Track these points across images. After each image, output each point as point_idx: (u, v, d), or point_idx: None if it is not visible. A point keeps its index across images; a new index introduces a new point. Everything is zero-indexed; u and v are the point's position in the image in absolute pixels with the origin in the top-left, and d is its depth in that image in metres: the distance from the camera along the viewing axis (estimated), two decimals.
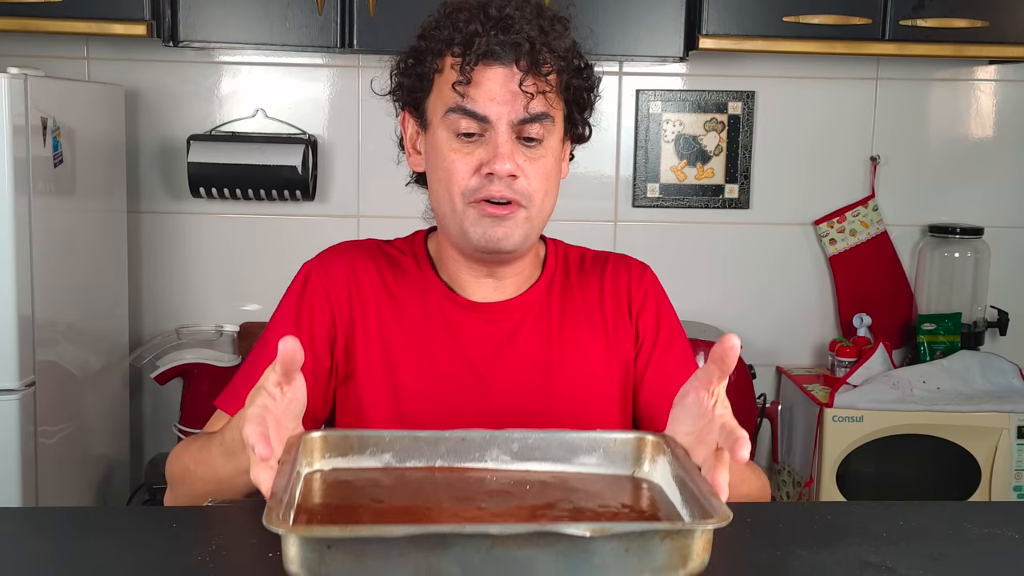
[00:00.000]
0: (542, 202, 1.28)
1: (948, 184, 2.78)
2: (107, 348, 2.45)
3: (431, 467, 1.03)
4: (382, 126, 2.63)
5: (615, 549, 0.83)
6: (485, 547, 0.82)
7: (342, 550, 0.81)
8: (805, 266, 2.78)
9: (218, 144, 2.54)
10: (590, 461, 1.04)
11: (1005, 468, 2.42)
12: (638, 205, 2.72)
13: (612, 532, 0.84)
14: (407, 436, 1.04)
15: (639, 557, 0.84)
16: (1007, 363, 2.54)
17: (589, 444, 1.05)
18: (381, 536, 0.82)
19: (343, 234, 2.64)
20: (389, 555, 0.82)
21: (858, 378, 2.50)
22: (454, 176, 1.25)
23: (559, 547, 0.83)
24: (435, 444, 1.03)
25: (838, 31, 2.34)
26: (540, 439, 1.05)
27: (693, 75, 2.71)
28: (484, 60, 1.22)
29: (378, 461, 1.02)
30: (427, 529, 0.83)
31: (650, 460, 1.03)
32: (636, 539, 0.84)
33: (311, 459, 1.01)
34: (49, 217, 2.05)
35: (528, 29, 1.23)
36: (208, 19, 2.30)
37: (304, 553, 0.81)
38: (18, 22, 2.23)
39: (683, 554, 0.85)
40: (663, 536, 0.84)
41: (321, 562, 0.81)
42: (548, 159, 1.27)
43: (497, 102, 1.23)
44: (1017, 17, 2.38)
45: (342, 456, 1.02)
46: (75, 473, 2.25)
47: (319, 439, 1.02)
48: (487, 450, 1.04)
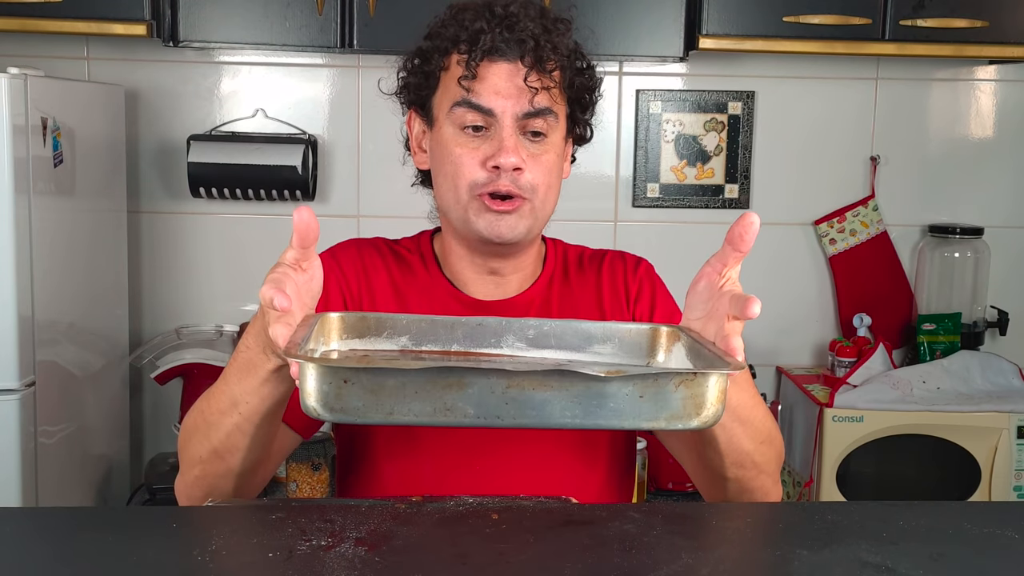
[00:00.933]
0: (545, 196, 1.29)
1: (948, 184, 2.78)
2: (107, 348, 2.45)
3: (447, 351, 1.04)
4: (382, 126, 2.64)
5: (630, 394, 0.84)
6: (501, 387, 0.83)
7: (359, 384, 0.81)
8: (805, 266, 2.78)
9: (218, 144, 2.54)
10: (605, 350, 1.06)
11: (1005, 468, 2.42)
12: (638, 205, 2.72)
13: (627, 374, 0.84)
14: (424, 320, 1.05)
15: (654, 403, 0.84)
16: (1007, 363, 2.54)
17: (604, 333, 1.06)
18: (398, 369, 0.82)
19: (343, 234, 2.65)
20: (405, 392, 0.82)
21: (858, 378, 2.50)
22: (461, 169, 1.27)
23: (574, 390, 0.83)
24: (451, 328, 1.05)
25: (838, 31, 2.34)
26: (556, 327, 1.06)
27: (693, 75, 2.72)
28: (489, 56, 1.25)
29: (394, 344, 1.04)
30: (445, 363, 0.84)
31: (665, 350, 1.05)
32: (651, 384, 0.84)
33: (327, 339, 1.02)
34: (49, 217, 2.06)
35: (532, 27, 1.25)
36: (208, 19, 2.30)
37: (321, 386, 0.81)
38: (18, 22, 2.23)
39: (697, 402, 0.85)
40: (678, 382, 0.85)
41: (338, 396, 0.82)
42: (551, 155, 1.29)
43: (502, 96, 1.25)
44: (1017, 17, 2.38)
45: (359, 337, 1.04)
46: (75, 473, 2.25)
47: (336, 319, 1.03)
48: (503, 336, 1.05)
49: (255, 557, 0.91)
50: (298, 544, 0.93)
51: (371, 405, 0.82)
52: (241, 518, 1.06)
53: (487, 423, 0.85)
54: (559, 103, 1.29)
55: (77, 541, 0.97)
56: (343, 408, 0.82)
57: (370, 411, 0.83)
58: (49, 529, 1.01)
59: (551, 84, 1.27)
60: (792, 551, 0.97)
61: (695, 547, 0.94)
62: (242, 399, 1.11)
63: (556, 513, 1.02)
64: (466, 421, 0.84)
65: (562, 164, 1.33)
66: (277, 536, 0.95)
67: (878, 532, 1.01)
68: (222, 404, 1.14)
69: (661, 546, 0.95)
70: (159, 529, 1.00)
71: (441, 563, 0.90)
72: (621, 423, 0.86)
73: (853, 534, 1.01)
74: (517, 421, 0.84)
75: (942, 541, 1.00)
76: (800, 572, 0.93)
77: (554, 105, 1.28)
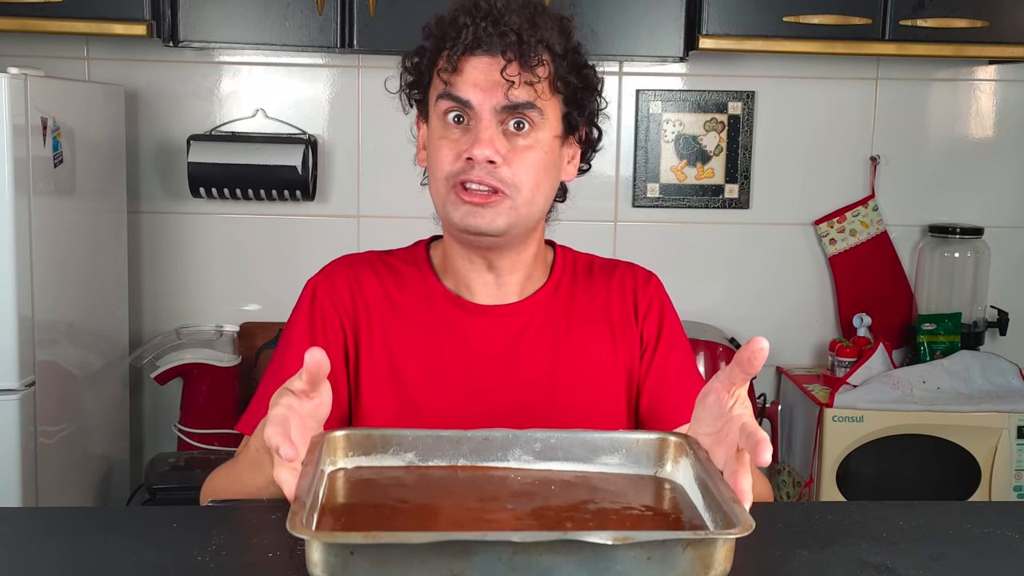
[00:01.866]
0: (531, 193, 1.27)
1: (948, 184, 2.78)
2: (107, 348, 2.45)
3: (453, 466, 1.03)
4: (382, 126, 2.64)
5: (637, 557, 0.84)
6: (507, 555, 0.83)
7: (365, 556, 0.82)
8: (805, 266, 2.78)
9: (218, 144, 2.54)
10: (612, 461, 1.05)
11: (1005, 468, 2.42)
12: (638, 205, 2.72)
13: (635, 541, 0.83)
14: (430, 435, 1.04)
15: (661, 565, 0.84)
16: (1007, 363, 2.54)
17: (611, 444, 1.05)
18: (404, 543, 0.82)
19: (343, 234, 2.67)
20: (412, 561, 0.82)
21: (858, 378, 2.50)
22: (440, 162, 1.27)
23: (581, 555, 0.83)
24: (457, 443, 1.04)
25: (838, 31, 2.34)
26: (562, 439, 1.05)
27: (693, 75, 2.72)
28: (470, 50, 1.25)
29: (400, 460, 1.03)
30: (450, 536, 0.83)
31: (672, 461, 1.04)
32: (658, 547, 0.84)
33: (334, 457, 1.01)
34: (49, 217, 2.05)
35: (517, 21, 1.24)
36: (208, 19, 2.30)
37: (328, 558, 0.82)
38: (18, 22, 2.23)
39: (705, 563, 0.85)
40: (685, 545, 0.84)
41: (344, 567, 0.82)
42: (538, 151, 1.27)
43: (480, 88, 1.24)
44: (1017, 17, 2.38)
45: (365, 455, 1.03)
46: (75, 473, 2.25)
47: (342, 438, 1.02)
48: (509, 450, 1.04)
49: (255, 557, 0.91)
50: (298, 544, 0.92)
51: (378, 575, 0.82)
52: (241, 518, 1.06)
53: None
54: (547, 99, 1.27)
55: (77, 541, 0.97)
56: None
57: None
58: (49, 529, 1.01)
59: (534, 79, 1.25)
60: (792, 551, 0.96)
61: None
62: (255, 492, 1.13)
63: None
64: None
65: (554, 162, 1.30)
66: (277, 536, 0.95)
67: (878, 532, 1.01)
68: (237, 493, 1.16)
69: None
70: (159, 529, 1.00)
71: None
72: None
73: (853, 534, 1.01)
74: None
75: (942, 541, 1.00)
76: (800, 572, 0.93)
77: (538, 100, 1.25)
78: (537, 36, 1.25)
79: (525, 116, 1.25)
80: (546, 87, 1.27)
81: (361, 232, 2.67)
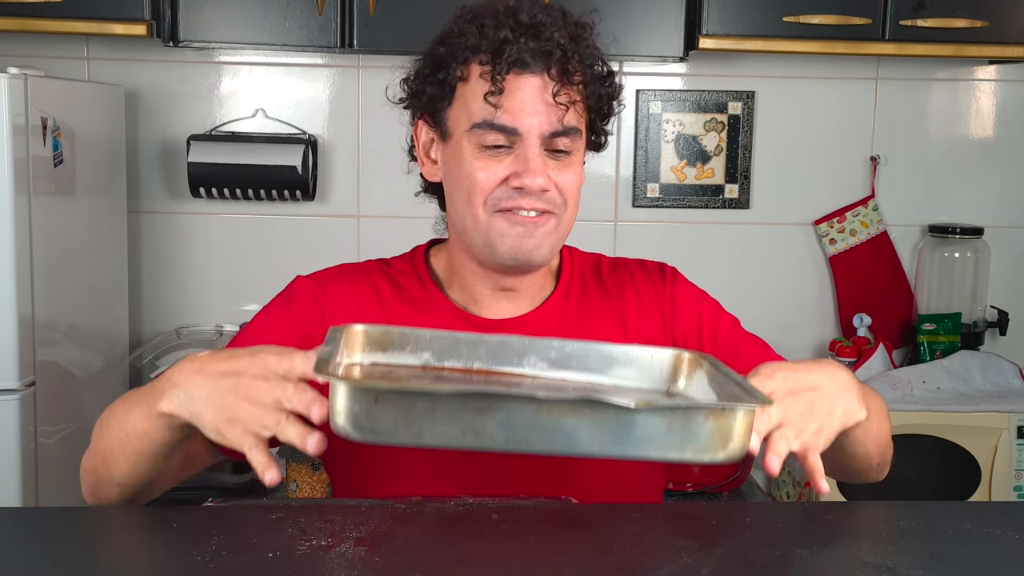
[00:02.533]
0: (571, 212, 1.25)
1: (948, 184, 2.78)
2: (107, 348, 2.45)
3: (468, 368, 1.05)
4: (382, 126, 2.64)
5: (658, 425, 0.85)
6: (531, 413, 0.83)
7: (389, 404, 0.82)
8: (805, 266, 2.78)
9: (218, 144, 2.54)
10: (626, 374, 1.06)
11: (1005, 468, 2.42)
12: (638, 205, 2.72)
13: (657, 406, 0.85)
14: (447, 336, 1.06)
15: (681, 435, 0.86)
16: (1007, 363, 2.54)
17: (626, 357, 1.07)
18: (430, 391, 0.83)
19: (343, 234, 2.67)
20: (435, 414, 0.83)
21: (858, 378, 2.50)
22: (478, 186, 1.21)
23: (603, 418, 0.84)
24: (474, 346, 1.06)
25: (838, 31, 2.34)
26: (578, 348, 1.07)
27: (693, 75, 2.71)
28: (515, 69, 1.18)
29: (417, 359, 1.05)
30: (476, 388, 0.85)
31: (686, 376, 1.05)
32: (680, 416, 0.86)
33: (351, 352, 1.02)
34: (49, 217, 2.05)
35: (559, 36, 1.19)
36: (208, 19, 2.30)
37: (351, 405, 0.82)
38: (18, 22, 2.23)
39: (724, 435, 0.86)
40: (706, 415, 0.86)
41: (368, 416, 0.82)
42: (575, 168, 1.25)
43: (528, 114, 1.19)
44: (1017, 17, 2.38)
45: (382, 351, 1.04)
46: (75, 473, 2.24)
47: (361, 332, 1.04)
48: (525, 356, 1.06)
49: (255, 557, 0.91)
50: (298, 544, 0.93)
51: (401, 426, 0.83)
52: (241, 518, 1.06)
53: (515, 448, 0.85)
54: (583, 116, 1.24)
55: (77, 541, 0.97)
56: (372, 428, 0.83)
57: (399, 432, 0.83)
58: (49, 529, 1.01)
59: (577, 98, 1.21)
60: (792, 551, 0.97)
61: (695, 547, 0.94)
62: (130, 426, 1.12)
63: (556, 513, 1.02)
64: (494, 445, 0.84)
65: (582, 176, 1.29)
66: (277, 536, 0.95)
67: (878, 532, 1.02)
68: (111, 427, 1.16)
69: (661, 546, 0.95)
70: (159, 529, 1.00)
71: (441, 563, 0.90)
72: (648, 453, 0.87)
73: (853, 534, 1.01)
74: (546, 447, 0.85)
75: (942, 541, 1.00)
76: (800, 572, 0.93)
77: (579, 122, 1.23)
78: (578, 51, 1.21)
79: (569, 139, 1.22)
80: (582, 107, 1.24)
81: (361, 232, 2.67)
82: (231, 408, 0.98)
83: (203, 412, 1.00)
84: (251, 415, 0.96)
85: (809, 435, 1.05)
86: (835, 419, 1.08)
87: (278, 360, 0.96)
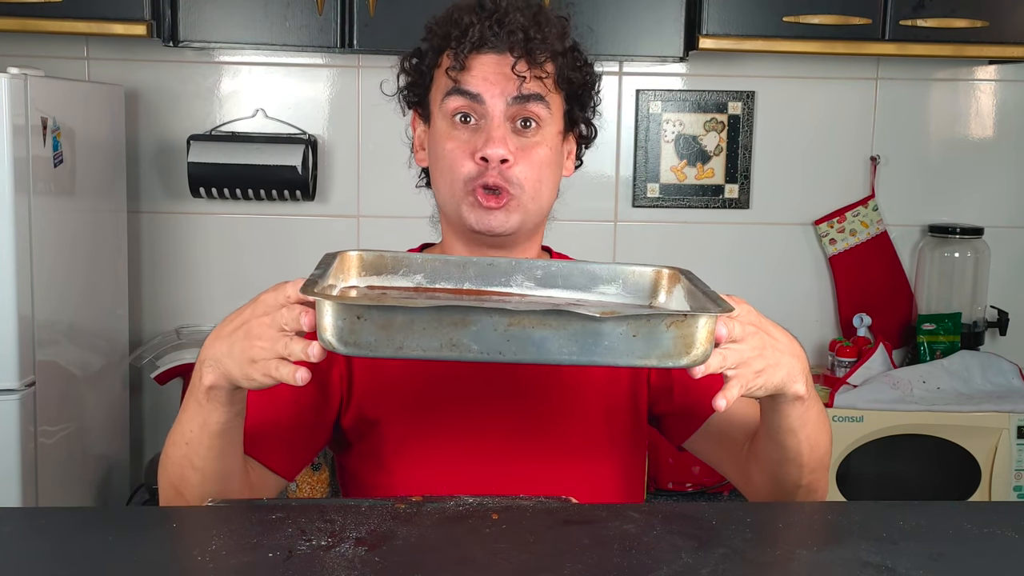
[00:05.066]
0: (536, 190, 1.28)
1: (948, 184, 2.78)
2: (107, 348, 2.45)
3: (459, 289, 1.12)
4: (382, 126, 2.64)
5: (624, 334, 0.90)
6: (503, 325, 0.89)
7: (371, 319, 0.88)
8: (805, 266, 2.78)
9: (218, 144, 2.54)
10: (610, 291, 1.13)
11: (1005, 468, 2.42)
12: (638, 205, 2.72)
13: (621, 315, 0.90)
14: (438, 259, 1.13)
15: (646, 342, 0.91)
16: (1007, 363, 2.54)
17: (610, 275, 1.14)
18: (408, 306, 0.89)
19: (343, 234, 2.66)
20: (414, 327, 0.89)
21: (858, 378, 2.50)
22: (453, 164, 1.27)
23: (571, 329, 0.90)
24: (463, 268, 1.13)
25: (838, 31, 2.34)
26: (563, 267, 1.14)
27: (693, 75, 2.71)
28: (478, 48, 1.26)
29: (410, 281, 1.12)
30: (449, 301, 0.91)
31: (666, 291, 1.12)
32: (644, 324, 0.91)
33: (347, 276, 1.09)
34: (49, 217, 2.05)
35: (522, 20, 1.26)
36: (208, 19, 2.30)
37: (337, 322, 0.89)
38: (18, 22, 2.23)
39: (687, 342, 0.92)
40: (669, 323, 0.91)
41: (352, 331, 0.89)
42: (544, 148, 1.29)
43: (490, 82, 1.26)
44: (1017, 17, 2.38)
45: (377, 275, 1.11)
46: (75, 473, 2.25)
47: (355, 257, 1.11)
48: (512, 276, 1.13)
49: (255, 557, 0.91)
50: (298, 544, 0.93)
51: (382, 340, 0.89)
52: (241, 518, 1.06)
53: (489, 358, 0.90)
54: (552, 93, 1.29)
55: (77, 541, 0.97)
56: (356, 342, 0.89)
57: (381, 345, 0.89)
58: (49, 529, 1.01)
59: (542, 75, 1.27)
60: (792, 551, 0.96)
61: (695, 547, 0.94)
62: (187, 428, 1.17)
63: (556, 513, 1.02)
64: (470, 356, 0.90)
65: (558, 160, 1.32)
66: (277, 536, 0.95)
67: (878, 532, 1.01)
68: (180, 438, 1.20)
69: (661, 546, 0.95)
70: (159, 529, 1.00)
71: (441, 563, 0.90)
72: (615, 360, 0.92)
73: (853, 534, 1.01)
74: (517, 357, 0.91)
75: (942, 541, 1.00)
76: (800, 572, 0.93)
77: (546, 94, 1.28)
78: (542, 34, 1.27)
79: (533, 113, 1.27)
80: (551, 83, 1.29)
81: (361, 232, 2.67)
82: (248, 352, 1.05)
83: (231, 368, 1.08)
84: (263, 349, 1.04)
85: (749, 371, 1.06)
86: (778, 373, 1.10)
87: (274, 296, 1.04)
